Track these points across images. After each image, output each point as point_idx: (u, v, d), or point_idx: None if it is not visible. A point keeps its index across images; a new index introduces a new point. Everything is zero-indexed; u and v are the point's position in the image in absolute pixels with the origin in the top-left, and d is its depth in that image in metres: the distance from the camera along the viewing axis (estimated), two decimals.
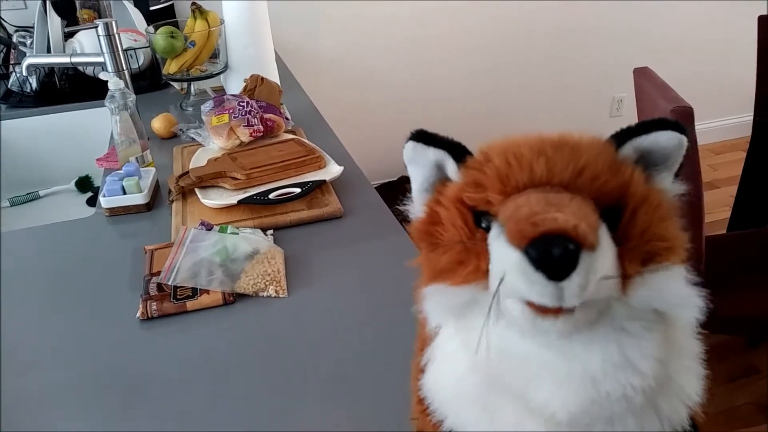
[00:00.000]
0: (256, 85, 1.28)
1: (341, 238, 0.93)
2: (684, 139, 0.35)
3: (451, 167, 0.37)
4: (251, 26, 1.39)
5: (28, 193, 1.48)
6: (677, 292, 0.32)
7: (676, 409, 0.34)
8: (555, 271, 0.28)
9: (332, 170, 1.06)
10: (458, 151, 0.37)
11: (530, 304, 0.31)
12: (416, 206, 0.39)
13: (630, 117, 1.89)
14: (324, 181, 1.03)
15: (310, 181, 1.02)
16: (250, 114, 1.18)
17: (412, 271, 0.88)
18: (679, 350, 0.35)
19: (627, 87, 1.92)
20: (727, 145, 2.83)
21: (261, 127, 1.18)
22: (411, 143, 0.38)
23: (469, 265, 0.33)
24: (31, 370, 0.71)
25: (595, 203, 0.32)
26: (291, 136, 1.20)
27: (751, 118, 1.74)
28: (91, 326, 0.78)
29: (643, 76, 1.38)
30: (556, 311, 0.30)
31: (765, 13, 1.69)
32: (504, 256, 0.30)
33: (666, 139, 0.35)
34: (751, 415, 1.60)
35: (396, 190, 2.49)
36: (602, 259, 0.30)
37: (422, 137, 0.37)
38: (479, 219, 0.34)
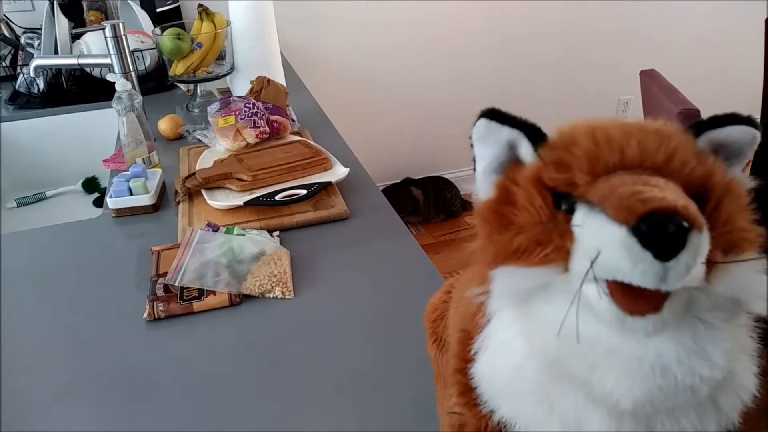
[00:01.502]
0: (262, 87, 1.28)
1: (347, 240, 0.93)
2: (758, 134, 0.35)
3: (525, 148, 0.36)
4: (257, 28, 1.39)
5: (35, 194, 1.48)
6: (760, 282, 0.32)
7: (734, 404, 0.34)
8: (664, 250, 0.28)
9: (338, 172, 1.07)
10: (533, 132, 0.36)
11: (619, 299, 0.30)
12: (482, 187, 0.37)
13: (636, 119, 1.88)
14: (330, 182, 1.03)
15: (316, 183, 1.02)
16: (256, 115, 1.18)
17: (418, 273, 0.88)
18: (741, 346, 0.34)
19: (633, 89, 1.91)
20: None
21: (267, 129, 1.18)
22: (484, 120, 0.36)
23: (549, 245, 0.32)
24: (38, 369, 0.72)
25: (683, 190, 0.31)
26: (297, 138, 1.20)
27: (759, 120, 1.73)
28: (97, 326, 0.78)
29: (649, 78, 1.38)
30: (644, 308, 0.30)
31: (765, 14, 1.69)
32: (604, 233, 0.29)
33: (740, 134, 0.35)
34: (750, 415, 1.58)
35: (401, 193, 2.50)
36: (705, 242, 0.29)
37: (495, 115, 0.36)
38: (558, 201, 0.33)
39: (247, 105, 1.19)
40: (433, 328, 0.52)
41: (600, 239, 0.29)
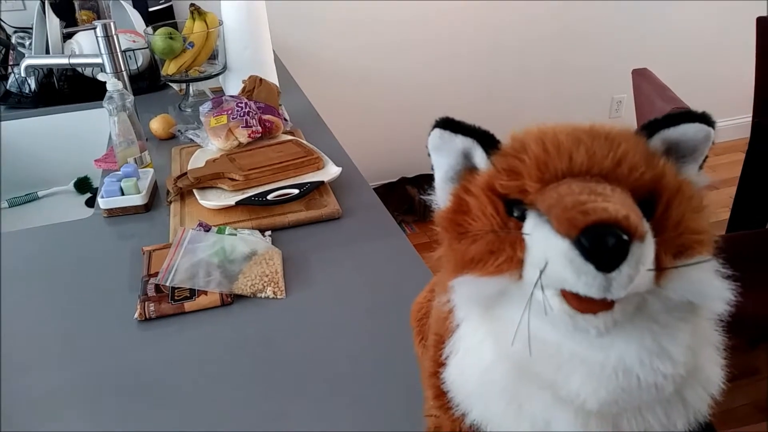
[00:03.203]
0: (254, 86, 1.28)
1: (339, 239, 0.93)
2: (711, 132, 0.35)
3: (479, 156, 0.36)
4: (250, 27, 1.39)
5: (26, 194, 1.48)
6: (712, 284, 0.32)
7: (701, 398, 0.34)
8: (606, 262, 0.28)
9: (330, 171, 1.06)
10: (486, 140, 0.36)
11: (570, 300, 0.30)
12: (440, 196, 0.38)
13: (629, 118, 1.89)
14: (322, 182, 1.03)
15: (309, 182, 1.02)
16: (248, 115, 1.17)
17: (410, 272, 0.88)
18: (704, 340, 0.35)
19: (626, 88, 1.92)
20: (726, 147, 2.83)
21: (259, 128, 1.18)
22: (437, 131, 0.36)
23: (501, 254, 0.32)
24: (28, 370, 0.71)
25: (632, 194, 0.31)
26: (289, 137, 1.20)
27: (750, 119, 1.74)
28: (88, 327, 0.78)
29: (641, 77, 1.38)
30: (596, 308, 0.30)
31: (763, 14, 1.69)
32: (549, 245, 0.29)
33: (694, 131, 0.35)
34: (750, 416, 1.60)
35: (395, 191, 2.50)
36: (648, 250, 0.29)
37: (449, 125, 0.36)
38: (510, 208, 0.33)
39: (240, 104, 1.19)
40: (419, 327, 0.52)
41: (546, 250, 0.30)
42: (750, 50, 1.75)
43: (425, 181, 2.52)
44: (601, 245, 0.28)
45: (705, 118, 0.34)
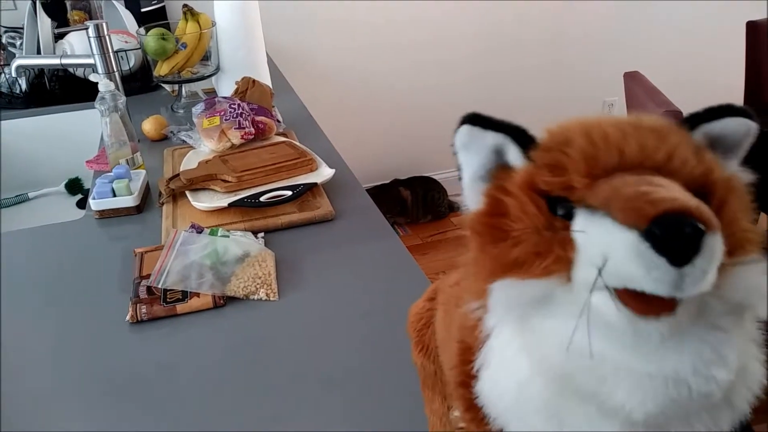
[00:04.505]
0: (247, 88, 1.28)
1: (332, 241, 0.93)
2: (754, 126, 0.33)
3: (513, 152, 0.34)
4: (243, 28, 1.39)
5: (17, 195, 1.47)
6: (765, 286, 0.30)
7: (746, 398, 0.32)
8: (680, 255, 0.26)
9: (324, 173, 1.06)
10: (520, 135, 0.34)
11: (628, 301, 0.28)
12: (470, 196, 0.35)
13: None
14: (315, 183, 1.03)
15: (302, 184, 1.01)
16: (241, 116, 1.17)
17: (403, 274, 0.88)
18: (748, 337, 0.33)
19: (618, 91, 1.93)
20: None
21: (252, 130, 1.17)
22: (467, 127, 0.34)
23: (548, 255, 0.30)
24: (20, 372, 0.71)
25: (685, 189, 0.29)
26: (282, 139, 1.20)
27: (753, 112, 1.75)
28: (80, 329, 0.77)
29: (633, 81, 1.39)
30: (658, 310, 0.28)
31: (754, 18, 1.71)
32: (612, 239, 0.27)
33: (736, 125, 0.33)
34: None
35: (388, 193, 2.50)
36: (720, 244, 0.27)
37: (479, 120, 0.34)
38: (554, 206, 0.31)
39: (233, 106, 1.18)
40: (419, 337, 0.51)
41: (607, 245, 0.28)
42: (740, 53, 1.77)
43: (418, 183, 2.54)
44: (677, 235, 0.25)
45: (746, 113, 0.33)
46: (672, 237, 0.26)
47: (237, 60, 1.40)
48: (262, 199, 0.98)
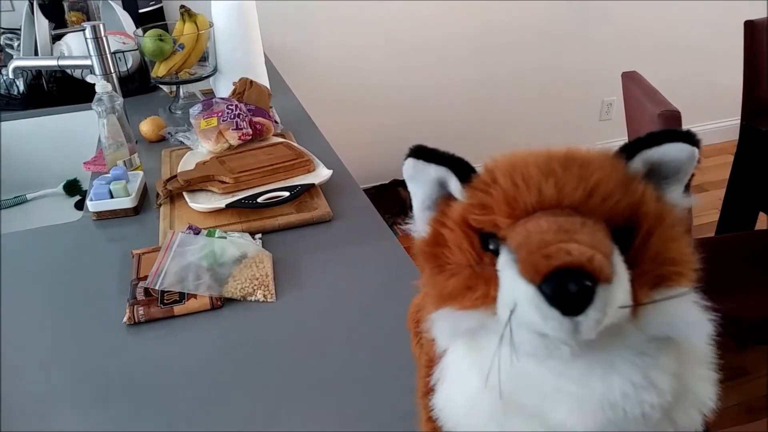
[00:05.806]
0: (245, 88, 1.27)
1: (330, 242, 0.93)
2: (696, 151, 0.33)
3: (454, 185, 0.35)
4: (240, 29, 1.38)
5: (15, 197, 1.46)
6: (689, 320, 0.31)
7: (692, 417, 0.33)
8: (571, 307, 0.28)
9: (321, 174, 1.06)
10: (461, 168, 0.35)
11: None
12: (419, 224, 0.38)
13: (619, 120, 1.90)
14: (313, 184, 1.03)
15: (299, 185, 1.01)
16: (239, 117, 1.17)
17: (401, 275, 0.88)
18: (693, 359, 0.34)
19: (616, 91, 1.93)
20: (715, 149, 2.85)
21: (250, 131, 1.17)
22: (411, 160, 0.36)
23: (477, 290, 0.32)
24: (17, 374, 0.71)
25: (607, 223, 0.31)
26: (280, 140, 1.19)
27: (739, 121, 1.75)
28: (77, 331, 0.77)
29: (631, 80, 1.39)
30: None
31: (752, 17, 1.71)
32: (516, 288, 0.29)
33: (677, 151, 0.33)
34: (740, 416, 1.61)
35: (387, 194, 2.49)
36: (618, 290, 0.29)
37: (422, 153, 0.35)
38: (486, 240, 0.33)
39: (230, 107, 1.18)
40: (416, 328, 0.52)
41: (514, 292, 0.30)
42: (739, 53, 1.77)
43: None
44: (563, 292, 0.28)
45: (689, 137, 0.33)
46: (560, 293, 0.28)
47: (234, 61, 1.40)
48: (259, 200, 0.98)
